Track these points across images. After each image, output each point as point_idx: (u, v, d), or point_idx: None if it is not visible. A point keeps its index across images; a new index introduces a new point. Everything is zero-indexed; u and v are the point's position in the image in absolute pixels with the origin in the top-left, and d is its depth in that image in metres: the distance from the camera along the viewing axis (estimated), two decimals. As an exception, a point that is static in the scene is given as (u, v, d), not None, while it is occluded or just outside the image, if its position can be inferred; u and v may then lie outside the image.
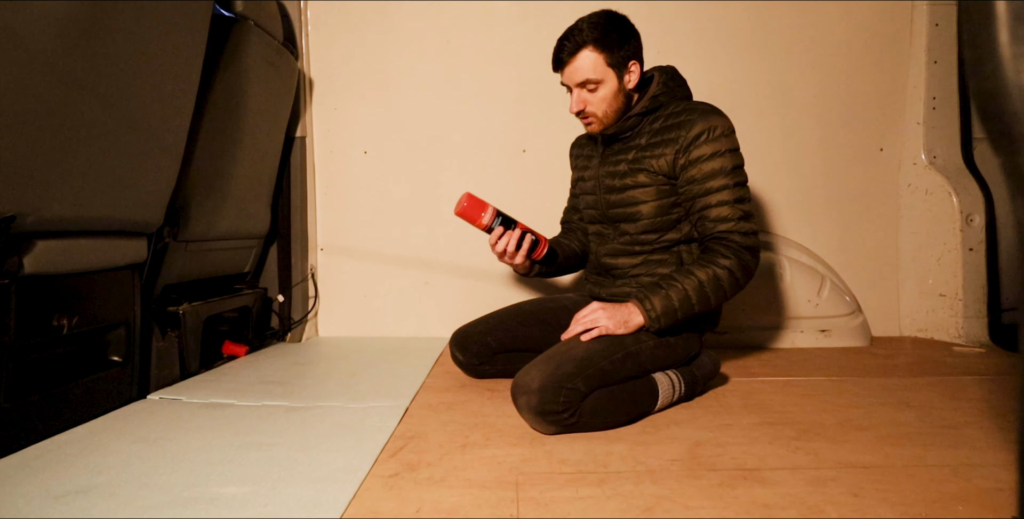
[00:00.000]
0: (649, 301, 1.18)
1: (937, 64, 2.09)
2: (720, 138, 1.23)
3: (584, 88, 1.27)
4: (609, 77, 1.25)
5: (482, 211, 1.31)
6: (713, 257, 1.21)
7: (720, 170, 1.22)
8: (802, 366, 1.67)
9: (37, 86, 0.95)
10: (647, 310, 1.17)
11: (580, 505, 0.80)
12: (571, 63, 1.24)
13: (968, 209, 2.02)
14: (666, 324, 1.18)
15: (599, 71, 1.24)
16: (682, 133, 1.24)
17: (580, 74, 1.24)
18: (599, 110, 1.28)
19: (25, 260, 1.03)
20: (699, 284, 1.18)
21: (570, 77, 1.27)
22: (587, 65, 1.23)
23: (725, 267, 1.19)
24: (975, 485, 0.86)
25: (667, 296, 1.17)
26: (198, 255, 1.63)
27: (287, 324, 2.09)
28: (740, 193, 1.23)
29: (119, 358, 1.30)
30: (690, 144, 1.23)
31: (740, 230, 1.21)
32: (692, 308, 1.18)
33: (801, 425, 1.14)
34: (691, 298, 1.17)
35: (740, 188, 1.24)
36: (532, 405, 1.06)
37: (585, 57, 1.23)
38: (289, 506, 0.80)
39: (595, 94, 1.27)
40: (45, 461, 0.95)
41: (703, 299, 1.18)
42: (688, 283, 1.18)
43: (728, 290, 1.20)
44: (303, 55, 2.10)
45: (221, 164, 1.62)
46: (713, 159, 1.22)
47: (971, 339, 1.98)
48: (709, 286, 1.18)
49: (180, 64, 1.30)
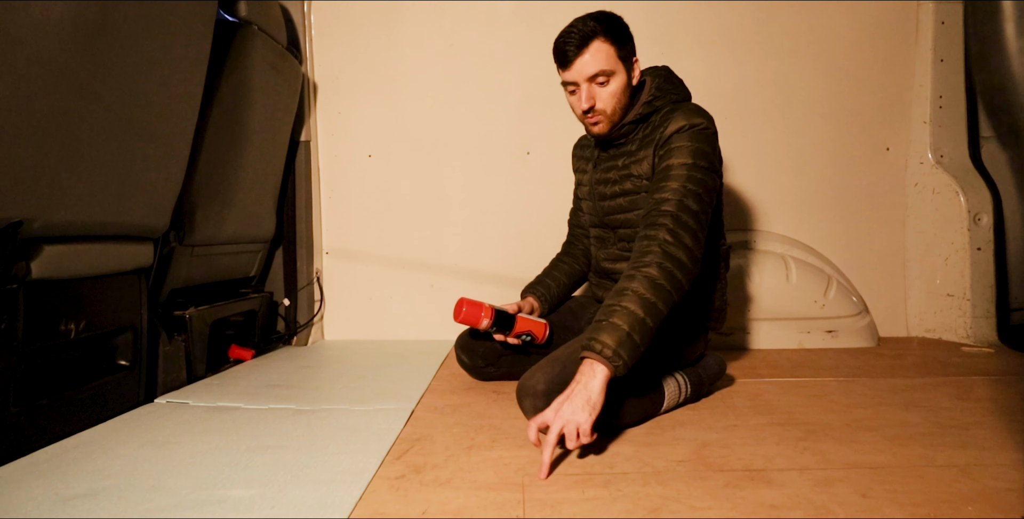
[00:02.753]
0: (597, 342, 0.98)
1: (944, 62, 2.08)
2: (695, 134, 1.18)
3: (594, 82, 1.19)
4: (620, 70, 1.20)
5: (480, 314, 1.35)
6: (638, 260, 1.08)
7: (681, 163, 1.16)
8: (809, 367, 1.66)
9: (43, 92, 0.96)
10: (600, 353, 0.97)
11: (586, 506, 0.80)
12: (581, 55, 1.16)
13: (976, 208, 2.00)
14: (629, 356, 0.98)
15: (611, 62, 1.18)
16: (660, 130, 1.21)
17: (593, 65, 1.17)
18: (608, 106, 1.22)
19: (33, 265, 1.04)
20: (637, 297, 1.02)
21: (579, 71, 1.18)
22: (600, 56, 1.17)
23: (652, 264, 1.06)
24: (984, 485, 0.85)
25: (613, 326, 0.99)
26: (204, 259, 1.64)
27: (293, 328, 2.10)
28: (694, 188, 1.14)
29: (126, 362, 1.31)
30: (665, 141, 1.20)
31: (672, 225, 1.10)
32: (645, 324, 1.01)
33: (808, 426, 1.14)
34: (637, 314, 1.01)
35: (695, 183, 1.14)
36: (538, 407, 1.06)
37: (597, 48, 1.16)
38: (296, 508, 0.80)
39: (605, 89, 1.20)
40: (54, 464, 0.96)
41: (652, 309, 1.02)
42: (630, 303, 1.02)
43: (670, 289, 1.05)
44: (307, 59, 2.11)
45: (226, 169, 1.63)
46: (679, 152, 1.17)
47: (980, 339, 1.97)
48: (651, 295, 1.03)
49: (185, 69, 1.31)
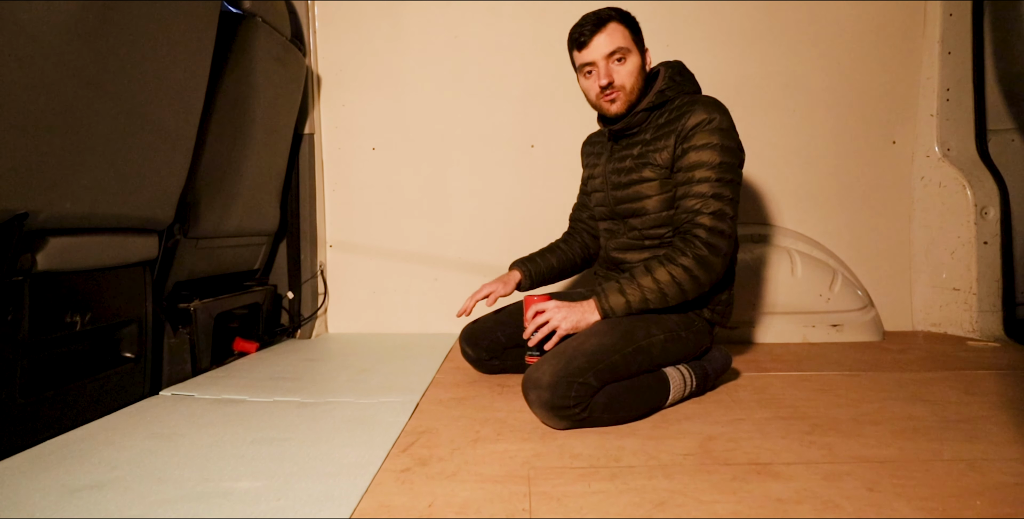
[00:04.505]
0: (607, 301, 1.21)
1: (951, 55, 2.06)
2: (716, 131, 1.22)
3: (612, 59, 1.25)
4: (635, 51, 1.27)
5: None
6: (674, 254, 1.21)
7: (706, 162, 1.22)
8: (814, 361, 1.66)
9: (48, 84, 0.96)
10: (604, 309, 1.22)
11: (592, 500, 0.80)
12: (600, 33, 1.24)
13: (983, 202, 1.99)
14: (618, 315, 1.22)
15: (627, 41, 1.25)
16: (681, 123, 1.24)
17: (611, 42, 1.24)
18: (627, 83, 1.27)
19: (38, 257, 1.04)
20: (657, 286, 1.19)
21: (597, 49, 1.25)
22: (616, 35, 1.24)
23: (683, 266, 1.18)
24: (992, 479, 0.85)
25: (626, 300, 1.21)
26: (208, 252, 1.64)
27: (297, 320, 2.10)
28: (720, 189, 1.21)
29: (131, 354, 1.31)
30: (687, 133, 1.24)
31: (707, 225, 1.20)
32: (646, 305, 1.21)
33: (814, 420, 1.13)
34: (647, 299, 1.20)
35: (722, 184, 1.21)
36: (543, 400, 1.06)
37: (614, 28, 1.24)
38: (302, 501, 0.80)
39: (623, 66, 1.26)
40: (60, 456, 0.96)
41: (660, 299, 1.20)
42: (646, 283, 1.20)
43: (688, 289, 1.20)
44: (311, 52, 2.10)
45: (230, 161, 1.62)
46: (703, 150, 1.22)
47: (985, 333, 1.96)
48: (668, 288, 1.19)
49: (189, 62, 1.30)
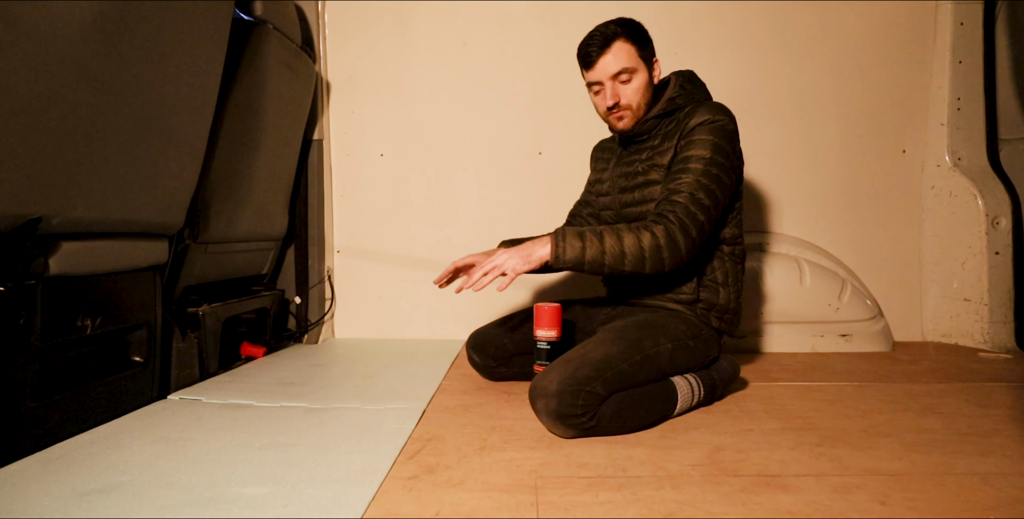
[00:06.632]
0: (563, 240, 1.18)
1: (962, 64, 2.05)
2: (716, 130, 1.24)
3: (617, 79, 1.27)
4: (641, 68, 1.28)
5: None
6: (647, 224, 1.20)
7: (699, 157, 1.23)
8: (823, 371, 1.64)
9: (62, 89, 0.97)
10: (557, 250, 1.17)
11: (600, 510, 0.79)
12: (605, 54, 1.25)
13: (994, 212, 1.98)
14: (566, 265, 1.18)
15: (633, 60, 1.26)
16: (685, 122, 1.27)
17: (616, 63, 1.25)
18: (633, 102, 1.29)
19: (51, 261, 1.05)
20: (620, 247, 1.17)
21: (603, 69, 1.26)
22: (622, 54, 1.25)
23: (652, 233, 1.17)
24: (1007, 494, 0.84)
25: (582, 248, 1.17)
26: (217, 257, 1.65)
27: (304, 326, 2.10)
28: (705, 180, 1.21)
29: (140, 358, 1.32)
30: (689, 131, 1.26)
31: (683, 205, 1.19)
32: (602, 267, 1.18)
33: (824, 431, 1.12)
34: (604, 255, 1.17)
35: (708, 177, 1.21)
36: (551, 408, 1.06)
37: (619, 47, 1.25)
38: (309, 507, 0.80)
39: (629, 86, 1.28)
40: (69, 460, 0.97)
41: (617, 261, 1.18)
42: (609, 240, 1.17)
43: (649, 258, 1.18)
44: (320, 58, 2.11)
45: (240, 167, 1.63)
46: (699, 145, 1.24)
47: (997, 345, 1.94)
48: (630, 251, 1.17)
49: (201, 68, 1.32)
